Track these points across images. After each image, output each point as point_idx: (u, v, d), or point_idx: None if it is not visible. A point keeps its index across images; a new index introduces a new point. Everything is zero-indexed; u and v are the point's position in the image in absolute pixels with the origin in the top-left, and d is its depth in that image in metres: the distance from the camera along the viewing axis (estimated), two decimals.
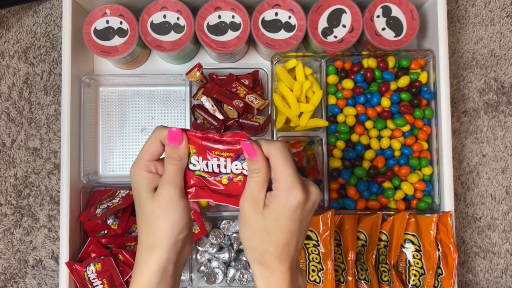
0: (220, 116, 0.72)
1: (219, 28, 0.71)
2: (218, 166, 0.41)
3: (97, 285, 0.69)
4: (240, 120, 0.72)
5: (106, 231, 0.72)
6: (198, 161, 0.42)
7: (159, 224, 0.41)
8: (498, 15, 0.83)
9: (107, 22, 0.72)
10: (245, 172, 0.41)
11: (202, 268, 0.73)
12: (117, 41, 0.72)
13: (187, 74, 0.72)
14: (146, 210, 0.42)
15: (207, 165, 0.42)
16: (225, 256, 0.73)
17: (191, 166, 0.42)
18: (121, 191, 0.71)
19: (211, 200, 0.43)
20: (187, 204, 0.42)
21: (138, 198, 0.42)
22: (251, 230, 0.40)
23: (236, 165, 0.41)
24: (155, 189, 0.42)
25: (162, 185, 0.41)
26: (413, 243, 0.71)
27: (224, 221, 0.73)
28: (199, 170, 0.42)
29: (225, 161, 0.41)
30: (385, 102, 0.72)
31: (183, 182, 0.42)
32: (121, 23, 0.72)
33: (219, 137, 0.41)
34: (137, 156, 0.43)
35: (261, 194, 0.40)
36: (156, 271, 0.41)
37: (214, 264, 0.73)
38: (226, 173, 0.42)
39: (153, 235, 0.41)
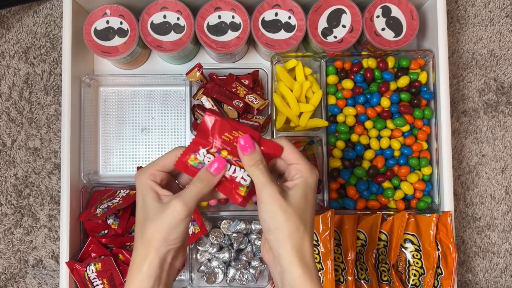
0: None
1: (219, 28, 0.72)
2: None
3: (97, 285, 0.69)
4: (240, 120, 0.72)
5: (106, 231, 0.72)
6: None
7: (154, 233, 0.42)
8: (497, 15, 0.83)
9: (107, 22, 0.72)
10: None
11: (202, 268, 0.73)
12: (117, 41, 0.72)
13: (187, 74, 0.72)
14: (148, 217, 0.42)
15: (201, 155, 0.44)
16: (225, 256, 0.73)
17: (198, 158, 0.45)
18: (121, 191, 0.72)
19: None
20: (187, 225, 0.43)
21: (143, 204, 0.43)
22: (286, 215, 0.42)
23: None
24: (159, 197, 0.43)
25: (176, 200, 0.42)
26: (412, 243, 0.71)
27: (224, 221, 0.73)
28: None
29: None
30: (385, 102, 0.72)
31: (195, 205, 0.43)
32: (121, 23, 0.72)
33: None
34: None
35: (274, 181, 0.43)
36: (148, 277, 0.42)
37: (214, 264, 0.73)
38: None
39: (147, 241, 0.42)
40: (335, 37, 0.72)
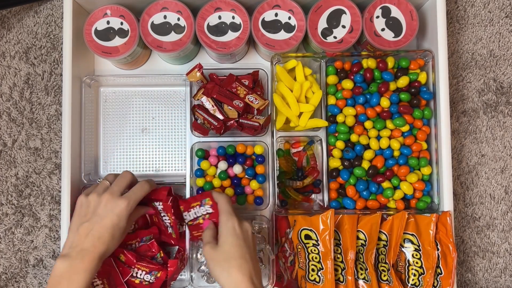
0: (220, 116, 0.72)
1: (219, 29, 0.72)
2: (195, 213, 0.63)
3: (97, 285, 0.69)
4: (240, 120, 0.72)
5: None
6: (187, 215, 0.63)
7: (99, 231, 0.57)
8: (497, 16, 0.84)
9: (108, 22, 0.72)
10: (209, 211, 0.63)
11: (202, 267, 0.73)
12: (117, 41, 0.72)
13: (187, 74, 0.73)
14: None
15: (190, 215, 0.63)
16: None
17: (186, 219, 0.64)
18: None
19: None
20: (127, 226, 0.60)
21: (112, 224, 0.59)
22: (220, 260, 0.56)
23: (202, 209, 0.63)
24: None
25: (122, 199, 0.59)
26: (412, 242, 0.71)
27: None
28: (190, 221, 0.64)
29: (198, 208, 0.63)
30: (385, 102, 0.72)
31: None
32: (121, 23, 0.72)
33: (191, 199, 0.63)
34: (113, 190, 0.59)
35: (208, 241, 0.59)
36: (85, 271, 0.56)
37: None
38: (201, 215, 0.63)
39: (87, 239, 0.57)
40: (335, 37, 0.72)
